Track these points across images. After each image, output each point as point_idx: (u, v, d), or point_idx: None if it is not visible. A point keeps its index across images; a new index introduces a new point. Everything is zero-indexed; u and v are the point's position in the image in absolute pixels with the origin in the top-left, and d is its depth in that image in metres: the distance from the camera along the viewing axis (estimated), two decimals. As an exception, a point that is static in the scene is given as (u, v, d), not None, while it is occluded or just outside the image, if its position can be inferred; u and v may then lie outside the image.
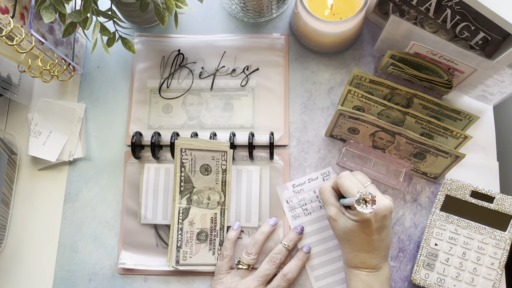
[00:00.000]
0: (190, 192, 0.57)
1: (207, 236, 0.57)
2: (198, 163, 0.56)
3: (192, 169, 0.56)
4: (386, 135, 0.59)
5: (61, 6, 0.52)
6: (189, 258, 0.57)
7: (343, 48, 0.66)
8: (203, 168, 0.56)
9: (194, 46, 0.67)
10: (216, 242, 0.57)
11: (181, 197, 0.57)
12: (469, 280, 0.56)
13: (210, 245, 0.57)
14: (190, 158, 0.56)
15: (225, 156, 0.56)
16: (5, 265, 0.60)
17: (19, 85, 0.64)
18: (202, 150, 0.56)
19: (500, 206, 0.57)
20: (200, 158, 0.56)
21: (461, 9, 0.54)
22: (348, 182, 0.52)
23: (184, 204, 0.57)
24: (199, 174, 0.57)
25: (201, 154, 0.56)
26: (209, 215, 0.57)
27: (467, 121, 0.59)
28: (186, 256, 0.57)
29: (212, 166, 0.56)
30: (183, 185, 0.57)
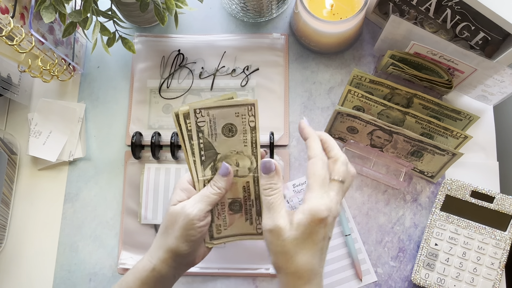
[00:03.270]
0: (213, 160, 0.46)
1: (241, 206, 0.48)
2: (219, 123, 0.45)
3: (212, 132, 0.45)
4: (383, 134, 0.59)
5: (61, 6, 0.52)
6: (224, 230, 0.48)
7: (343, 48, 0.66)
8: (226, 128, 0.45)
9: (194, 46, 0.67)
10: (253, 212, 0.48)
11: (203, 168, 0.46)
12: (469, 280, 0.56)
13: (246, 214, 0.48)
14: (208, 119, 0.44)
15: (253, 110, 0.44)
16: (5, 265, 0.60)
17: (19, 85, 0.64)
18: (222, 106, 0.44)
19: (500, 206, 0.58)
20: (221, 117, 0.45)
21: (461, 9, 0.54)
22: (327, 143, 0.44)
23: (209, 176, 0.46)
24: (222, 137, 0.46)
25: (221, 112, 0.44)
26: (240, 183, 0.47)
27: (467, 121, 0.59)
28: (220, 229, 0.48)
29: (237, 125, 0.45)
30: (204, 153, 0.45)
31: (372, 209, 0.61)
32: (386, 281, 0.59)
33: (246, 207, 0.48)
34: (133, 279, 0.45)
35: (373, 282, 0.59)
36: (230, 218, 0.49)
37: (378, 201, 0.61)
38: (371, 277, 0.59)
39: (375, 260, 0.59)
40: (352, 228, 0.60)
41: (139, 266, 0.45)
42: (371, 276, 0.59)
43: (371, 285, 0.59)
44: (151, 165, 0.62)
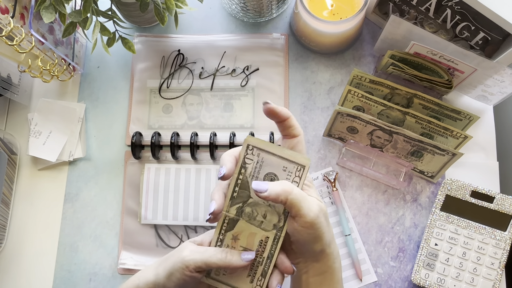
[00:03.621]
0: (244, 202, 0.44)
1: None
2: (264, 169, 0.43)
3: (254, 174, 0.43)
4: (383, 133, 0.59)
5: (61, 6, 0.52)
6: (223, 275, 0.46)
7: (343, 48, 0.66)
8: (269, 177, 0.43)
9: (194, 46, 0.67)
10: (258, 271, 0.45)
11: (230, 205, 0.44)
12: (469, 280, 0.56)
13: (251, 270, 0.45)
14: (256, 160, 0.43)
15: (301, 172, 0.43)
16: (5, 265, 0.60)
17: (19, 85, 0.64)
18: (274, 155, 0.43)
19: (500, 206, 0.58)
20: (268, 164, 0.43)
21: (461, 9, 0.54)
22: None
23: (232, 214, 0.44)
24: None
25: (271, 159, 0.43)
26: (258, 236, 0.44)
27: (467, 121, 0.59)
28: (219, 271, 0.46)
29: (280, 179, 0.43)
30: (238, 190, 0.44)
31: (372, 209, 0.61)
32: (386, 281, 0.59)
33: (255, 262, 0.45)
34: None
35: (373, 282, 0.59)
36: None
37: (378, 201, 0.61)
38: (371, 277, 0.59)
39: (375, 260, 0.59)
40: (352, 228, 0.60)
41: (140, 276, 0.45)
42: (371, 276, 0.59)
43: (371, 285, 0.59)
44: (151, 165, 0.62)
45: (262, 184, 0.41)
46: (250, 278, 0.46)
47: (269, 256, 0.45)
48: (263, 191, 0.40)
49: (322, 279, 0.44)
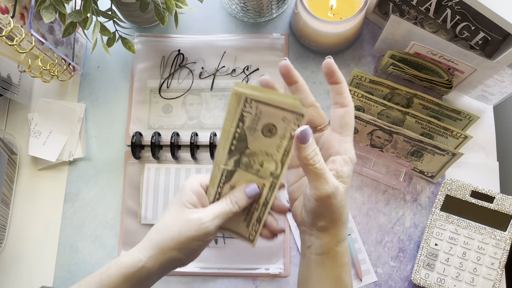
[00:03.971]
0: (241, 153, 0.43)
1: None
2: (263, 121, 0.42)
3: (252, 126, 0.42)
4: (383, 134, 0.59)
5: (61, 6, 0.52)
6: None
7: (343, 48, 0.66)
8: (267, 128, 0.42)
9: (194, 46, 0.67)
10: (254, 217, 0.46)
11: (228, 158, 0.43)
12: (469, 280, 0.56)
13: (247, 215, 0.46)
14: (254, 112, 0.41)
15: (300, 121, 0.41)
16: (5, 265, 0.60)
17: (19, 85, 0.64)
18: (272, 105, 0.41)
19: (500, 206, 0.58)
20: (267, 116, 0.42)
21: (461, 9, 0.54)
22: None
23: (230, 166, 0.44)
24: (259, 134, 0.43)
25: (269, 111, 0.41)
26: (255, 183, 0.44)
27: (467, 121, 0.59)
28: None
29: (279, 129, 0.42)
30: (236, 143, 0.43)
31: (372, 209, 0.61)
32: (386, 281, 0.59)
33: (251, 208, 0.46)
34: (117, 273, 0.42)
35: (373, 282, 0.59)
36: None
37: (378, 201, 0.61)
38: (371, 277, 0.59)
39: (375, 260, 0.59)
40: (352, 228, 0.60)
41: (125, 261, 0.42)
42: (371, 276, 0.59)
43: (371, 285, 0.59)
44: (151, 165, 0.62)
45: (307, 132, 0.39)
46: (246, 223, 0.46)
47: (265, 203, 0.45)
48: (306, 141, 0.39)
49: (324, 259, 0.42)
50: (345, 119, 0.42)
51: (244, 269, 0.59)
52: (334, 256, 0.42)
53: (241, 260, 0.59)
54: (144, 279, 0.42)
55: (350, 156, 0.41)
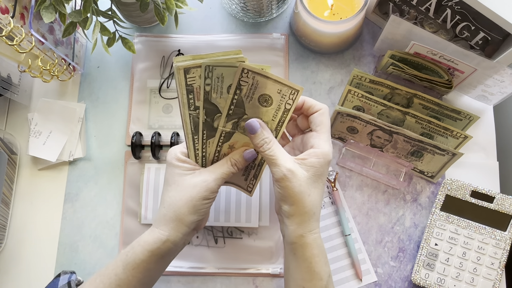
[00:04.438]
0: (239, 117, 0.47)
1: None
2: (259, 91, 0.45)
3: (249, 94, 0.46)
4: (383, 134, 0.59)
5: (61, 6, 0.52)
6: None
7: (343, 48, 0.66)
8: (263, 98, 0.46)
9: (194, 46, 0.67)
10: (251, 174, 0.51)
11: (226, 121, 0.47)
12: (469, 280, 0.56)
13: (245, 171, 0.52)
14: (251, 82, 0.45)
15: (295, 95, 0.46)
16: (5, 265, 0.60)
17: (19, 85, 0.64)
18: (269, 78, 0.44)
19: (500, 206, 0.58)
20: (263, 87, 0.45)
21: (461, 9, 0.54)
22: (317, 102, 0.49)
23: (228, 128, 0.48)
24: (256, 103, 0.46)
25: (265, 82, 0.45)
26: (252, 146, 0.49)
27: (467, 121, 0.59)
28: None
29: (275, 101, 0.46)
30: (234, 108, 0.46)
31: (372, 209, 0.61)
32: (386, 281, 0.59)
33: (247, 166, 0.51)
34: (142, 250, 0.46)
35: (373, 282, 0.59)
36: None
37: (378, 201, 0.61)
38: (371, 277, 0.59)
39: (375, 260, 0.59)
40: (352, 228, 0.60)
41: (148, 238, 0.46)
42: (371, 276, 0.59)
43: (371, 285, 0.59)
44: (151, 165, 0.62)
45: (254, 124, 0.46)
46: (245, 177, 0.52)
47: (259, 164, 0.51)
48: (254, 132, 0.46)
49: (295, 249, 0.46)
50: (318, 118, 0.47)
51: (244, 269, 0.59)
52: (302, 246, 0.45)
53: (241, 260, 0.59)
54: (169, 251, 0.47)
55: (322, 151, 0.46)
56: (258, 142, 0.46)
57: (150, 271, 0.47)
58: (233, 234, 0.60)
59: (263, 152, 0.46)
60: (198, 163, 0.50)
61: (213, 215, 0.60)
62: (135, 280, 0.46)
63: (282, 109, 0.47)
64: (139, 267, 0.46)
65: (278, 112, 0.47)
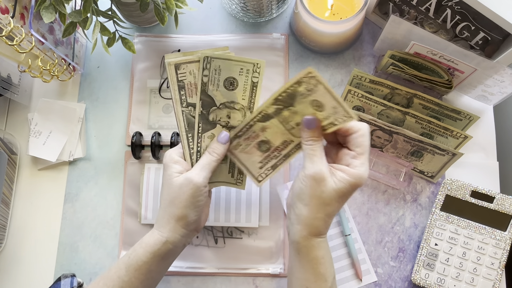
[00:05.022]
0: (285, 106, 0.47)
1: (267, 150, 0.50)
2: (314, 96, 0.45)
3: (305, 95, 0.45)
4: (383, 134, 0.59)
5: (61, 6, 0.52)
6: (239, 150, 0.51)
7: (343, 48, 0.66)
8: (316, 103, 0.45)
9: (194, 46, 0.67)
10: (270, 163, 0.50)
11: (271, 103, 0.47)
12: (469, 280, 0.56)
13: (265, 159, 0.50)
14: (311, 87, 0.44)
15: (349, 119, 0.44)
16: (5, 265, 0.60)
17: (19, 85, 0.64)
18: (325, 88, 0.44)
19: (500, 206, 0.58)
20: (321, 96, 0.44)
21: (461, 9, 0.54)
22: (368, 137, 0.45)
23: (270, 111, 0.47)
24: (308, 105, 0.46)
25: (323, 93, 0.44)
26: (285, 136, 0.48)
27: (467, 121, 0.59)
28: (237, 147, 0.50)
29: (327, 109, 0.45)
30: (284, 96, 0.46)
31: (372, 209, 0.61)
32: (386, 281, 0.59)
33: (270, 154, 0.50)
34: (144, 252, 0.47)
35: (373, 282, 0.59)
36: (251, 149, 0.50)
37: (378, 201, 0.61)
38: (371, 277, 0.59)
39: (375, 260, 0.59)
40: (352, 228, 0.60)
41: (149, 241, 0.47)
42: (371, 276, 0.59)
43: (371, 285, 0.59)
44: (151, 165, 0.62)
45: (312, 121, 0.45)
46: (261, 164, 0.51)
47: (286, 156, 0.50)
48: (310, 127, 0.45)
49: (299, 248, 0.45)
50: (358, 140, 0.45)
51: (244, 269, 0.59)
52: (307, 247, 0.45)
53: (241, 260, 0.59)
54: (169, 252, 0.48)
55: (358, 173, 0.43)
56: (308, 137, 0.45)
57: (152, 272, 0.47)
58: (233, 234, 0.60)
59: (308, 146, 0.45)
60: (193, 160, 0.50)
61: (213, 215, 0.60)
62: (138, 281, 0.47)
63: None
64: (141, 268, 0.47)
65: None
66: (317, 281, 0.45)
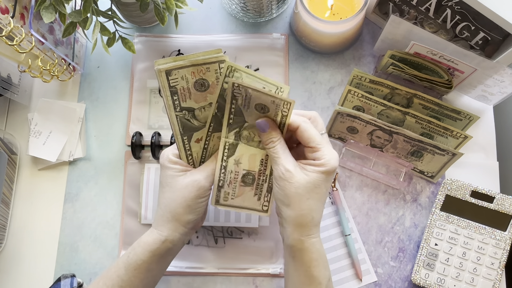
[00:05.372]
0: (240, 126, 0.47)
1: (253, 180, 0.50)
2: (254, 101, 0.46)
3: (245, 104, 0.46)
4: (383, 134, 0.59)
5: (61, 6, 0.52)
6: (231, 199, 0.50)
7: (343, 48, 0.66)
8: (259, 106, 0.46)
9: (194, 46, 0.67)
10: (264, 188, 0.50)
11: (228, 131, 0.47)
12: (469, 280, 0.56)
13: (256, 189, 0.50)
14: (244, 94, 0.45)
15: (288, 106, 0.45)
16: (5, 265, 0.60)
17: (19, 85, 0.64)
18: (261, 92, 0.45)
19: (500, 206, 0.58)
20: (257, 98, 0.45)
21: (461, 9, 0.54)
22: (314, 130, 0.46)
23: (231, 139, 0.48)
24: (254, 110, 0.47)
25: (258, 95, 0.45)
26: (259, 156, 0.49)
27: (467, 121, 0.59)
28: (227, 197, 0.50)
29: (271, 109, 0.46)
30: (233, 117, 0.47)
31: (372, 209, 0.61)
32: (386, 281, 0.59)
33: (259, 181, 0.50)
34: (143, 251, 0.47)
35: (373, 282, 0.59)
36: (240, 189, 0.50)
37: (378, 201, 0.61)
38: (371, 277, 0.59)
39: (375, 260, 0.59)
40: (352, 228, 0.60)
41: (148, 240, 0.47)
42: (371, 276, 0.59)
43: (371, 285, 0.59)
44: (151, 165, 0.62)
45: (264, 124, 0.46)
46: (257, 196, 0.50)
47: (271, 172, 0.49)
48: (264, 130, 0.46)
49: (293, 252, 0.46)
50: (307, 132, 0.46)
51: (244, 269, 0.59)
52: (301, 251, 0.45)
53: (241, 260, 0.59)
54: (168, 251, 0.48)
55: (324, 161, 0.45)
56: (266, 140, 0.47)
57: (151, 271, 0.47)
58: (233, 234, 0.60)
59: (269, 149, 0.47)
60: (190, 163, 0.50)
61: (213, 215, 0.60)
62: (137, 280, 0.47)
63: (280, 115, 0.47)
64: (141, 267, 0.47)
65: (276, 118, 0.47)
66: (311, 284, 0.45)
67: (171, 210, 0.47)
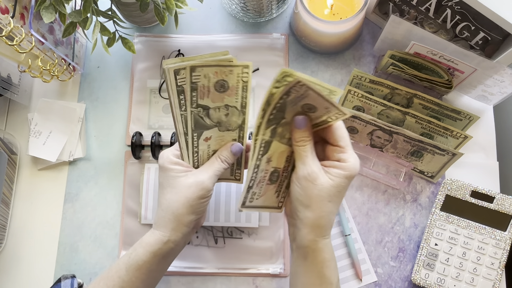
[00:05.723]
0: (277, 123, 0.45)
1: (278, 177, 0.49)
2: (305, 100, 0.44)
3: (295, 102, 0.44)
4: (383, 134, 0.59)
5: (61, 6, 0.52)
6: (256, 200, 0.49)
7: (343, 48, 0.66)
8: (307, 106, 0.44)
9: (194, 46, 0.67)
10: (284, 184, 0.49)
11: (266, 127, 0.44)
12: (469, 280, 0.56)
13: (278, 186, 0.49)
14: (301, 93, 0.42)
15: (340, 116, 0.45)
16: (5, 265, 0.60)
17: (19, 85, 0.64)
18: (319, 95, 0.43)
19: (500, 206, 0.58)
20: (311, 99, 0.43)
21: (461, 9, 0.54)
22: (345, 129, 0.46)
23: (267, 137, 0.45)
24: (297, 108, 0.45)
25: (315, 97, 0.43)
26: (285, 152, 0.47)
27: (467, 121, 0.59)
28: (253, 197, 0.49)
29: (319, 111, 0.44)
30: (275, 113, 0.43)
31: (372, 209, 0.61)
32: (386, 281, 0.59)
33: (282, 178, 0.49)
34: (144, 252, 0.47)
35: (373, 282, 0.59)
36: (265, 188, 0.49)
37: (378, 201, 0.61)
38: (371, 277, 0.59)
39: (375, 260, 0.59)
40: (352, 228, 0.60)
41: (150, 240, 0.47)
42: (371, 276, 0.59)
43: (371, 285, 0.59)
44: (151, 165, 0.62)
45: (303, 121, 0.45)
46: (277, 193, 0.50)
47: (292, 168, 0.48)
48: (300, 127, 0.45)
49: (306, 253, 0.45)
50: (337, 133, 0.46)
51: (244, 269, 0.59)
52: (314, 251, 0.45)
53: (241, 260, 0.59)
54: (170, 251, 0.48)
55: (349, 165, 0.44)
56: (298, 137, 0.45)
57: (152, 271, 0.47)
58: (233, 234, 0.60)
59: (298, 147, 0.45)
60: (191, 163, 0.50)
61: (213, 215, 0.60)
62: (139, 281, 0.47)
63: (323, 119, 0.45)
64: (142, 268, 0.47)
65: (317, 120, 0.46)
66: (322, 284, 0.45)
67: (173, 210, 0.47)
